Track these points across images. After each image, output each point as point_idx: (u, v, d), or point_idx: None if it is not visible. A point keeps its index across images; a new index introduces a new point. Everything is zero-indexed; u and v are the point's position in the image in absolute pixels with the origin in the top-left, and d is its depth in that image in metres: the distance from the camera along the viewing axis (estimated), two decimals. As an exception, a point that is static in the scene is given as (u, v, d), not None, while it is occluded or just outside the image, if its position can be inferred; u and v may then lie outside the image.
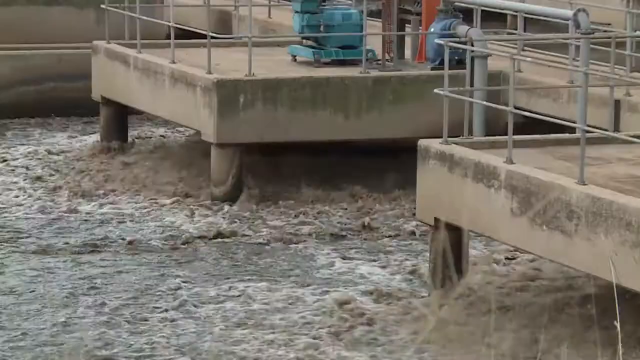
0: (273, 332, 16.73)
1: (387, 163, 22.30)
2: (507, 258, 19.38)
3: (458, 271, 17.02)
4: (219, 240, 20.35)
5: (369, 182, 22.44)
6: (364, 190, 22.24)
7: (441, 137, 17.37)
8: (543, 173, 15.92)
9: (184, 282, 18.39)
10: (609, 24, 25.68)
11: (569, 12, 20.67)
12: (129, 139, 25.70)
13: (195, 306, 17.43)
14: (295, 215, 21.55)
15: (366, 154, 22.98)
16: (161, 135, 27.29)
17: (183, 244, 20.03)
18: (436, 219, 17.35)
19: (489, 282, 18.08)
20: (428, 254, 18.12)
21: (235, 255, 19.91)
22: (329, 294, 17.84)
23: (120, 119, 25.57)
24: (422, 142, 17.80)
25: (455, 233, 17.11)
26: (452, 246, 17.31)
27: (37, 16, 30.74)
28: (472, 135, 18.63)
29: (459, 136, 17.70)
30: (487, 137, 18.68)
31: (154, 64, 23.86)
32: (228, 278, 18.64)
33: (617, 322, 8.84)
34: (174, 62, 23.16)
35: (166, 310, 17.31)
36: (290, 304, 17.58)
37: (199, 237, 20.30)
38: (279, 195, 22.34)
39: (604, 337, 12.70)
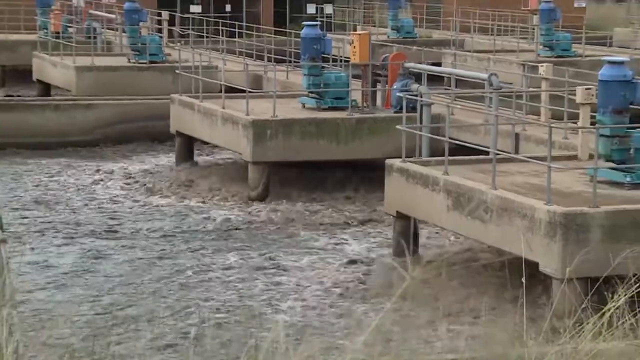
0: (288, 278, 18.25)
1: (365, 175, 23.91)
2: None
3: (413, 246, 18.54)
4: (254, 225, 21.93)
5: (354, 187, 24.15)
6: (351, 193, 23.97)
7: (401, 157, 18.96)
8: (468, 181, 17.45)
9: (236, 251, 19.95)
10: (511, 83, 27.33)
11: (485, 75, 23.04)
12: (194, 159, 27.44)
13: (241, 266, 19.01)
14: (306, 210, 22.99)
15: (352, 169, 24.76)
16: (208, 157, 28.74)
17: (227, 231, 21.54)
18: (397, 212, 18.94)
19: (440, 254, 19.19)
20: (392, 235, 19.37)
21: (265, 235, 21.32)
22: (329, 260, 19.34)
23: (188, 146, 27.32)
24: (388, 161, 19.30)
25: (410, 221, 18.81)
26: (408, 230, 18.77)
27: (133, 78, 33.56)
28: (421, 156, 19.89)
29: (413, 157, 19.27)
30: (431, 158, 19.81)
31: (211, 109, 25.53)
32: (257, 248, 20.18)
33: (523, 280, 9.60)
34: (223, 108, 24.96)
35: (225, 267, 18.89)
36: (307, 265, 19.03)
37: (238, 227, 21.81)
38: (294, 197, 23.80)
39: (514, 293, 13.94)
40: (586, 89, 19.70)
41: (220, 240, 20.98)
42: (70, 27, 39.99)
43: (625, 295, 7.72)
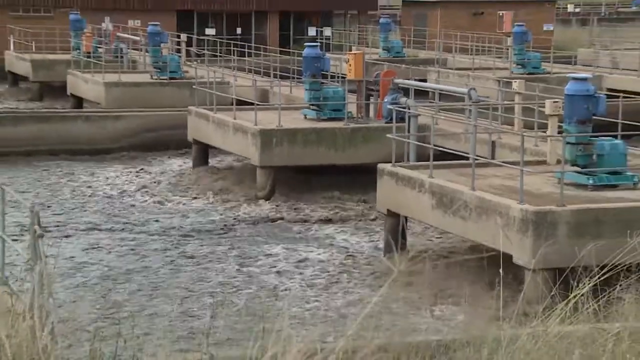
0: (291, 268, 18.21)
1: (359, 178, 23.42)
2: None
3: (402, 240, 18.07)
4: (259, 223, 21.83)
5: (350, 189, 24.00)
6: (347, 193, 23.85)
7: (391, 162, 18.86)
8: (450, 183, 17.33)
9: (241, 242, 19.98)
10: (488, 97, 27.49)
11: (465, 90, 22.79)
12: (209, 163, 27.47)
13: (250, 257, 18.85)
14: (307, 208, 22.95)
15: (348, 172, 24.49)
16: (222, 161, 28.28)
17: (237, 226, 21.59)
18: (388, 210, 18.85)
19: (426, 249, 18.75)
20: (383, 231, 19.30)
21: (269, 229, 21.31)
22: (327, 252, 19.31)
23: (204, 152, 27.26)
24: (380, 166, 19.16)
25: (399, 218, 18.61)
26: (398, 226, 18.48)
27: (155, 92, 33.73)
28: (409, 161, 19.73)
29: (401, 162, 19.11)
30: (418, 163, 19.59)
31: (223, 120, 25.53)
32: (263, 241, 20.18)
33: (500, 270, 9.23)
34: (234, 119, 25.00)
35: (236, 255, 18.88)
36: (304, 258, 18.84)
37: (247, 222, 21.83)
38: (296, 196, 23.80)
39: (490, 282, 13.05)
40: (554, 102, 19.74)
41: (230, 233, 20.97)
42: (100, 47, 40.11)
43: (589, 284, 7.69)
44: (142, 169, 28.14)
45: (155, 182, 26.24)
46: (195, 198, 24.31)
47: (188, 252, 19.43)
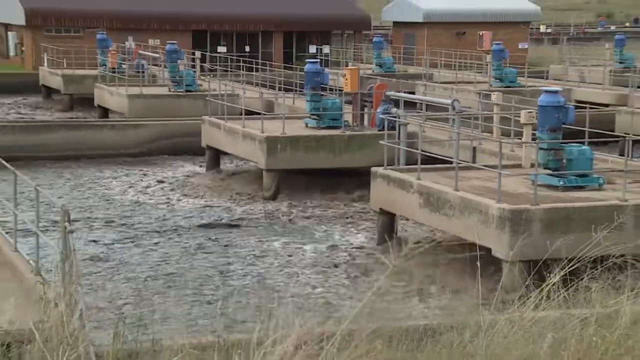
0: (294, 260, 18.03)
1: (355, 180, 23.80)
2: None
3: (393, 238, 18.19)
4: (265, 220, 21.68)
5: (346, 189, 23.96)
6: (344, 193, 23.81)
7: (383, 166, 18.94)
8: (436, 185, 17.33)
9: (253, 236, 19.86)
10: (470, 107, 27.71)
11: (449, 101, 22.62)
12: (220, 167, 27.29)
13: (256, 247, 18.91)
14: (308, 207, 22.90)
15: (345, 175, 24.54)
16: (235, 166, 28.26)
17: (246, 222, 21.41)
18: (380, 208, 18.83)
19: (416, 244, 19.62)
20: (376, 227, 19.35)
21: (273, 226, 21.09)
22: (326, 245, 19.14)
23: (216, 156, 27.13)
24: (373, 169, 19.24)
25: (390, 216, 18.84)
26: (389, 223, 18.83)
27: (173, 103, 33.81)
28: (399, 165, 19.57)
29: (392, 166, 19.12)
30: (407, 166, 19.39)
31: (234, 127, 25.45)
32: (267, 237, 19.93)
33: (478, 262, 9.49)
34: (243, 127, 24.90)
35: (244, 247, 18.88)
36: (305, 250, 18.76)
37: (255, 219, 21.70)
38: (299, 196, 23.68)
39: (472, 273, 13.61)
40: (528, 112, 19.73)
41: (240, 229, 20.95)
42: (123, 64, 40.08)
43: (560, 274, 7.68)
44: (160, 171, 28.21)
45: (172, 183, 26.23)
46: (208, 197, 24.23)
47: (201, 245, 19.35)
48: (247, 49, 55.78)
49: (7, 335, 7.06)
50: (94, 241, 19.41)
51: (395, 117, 21.99)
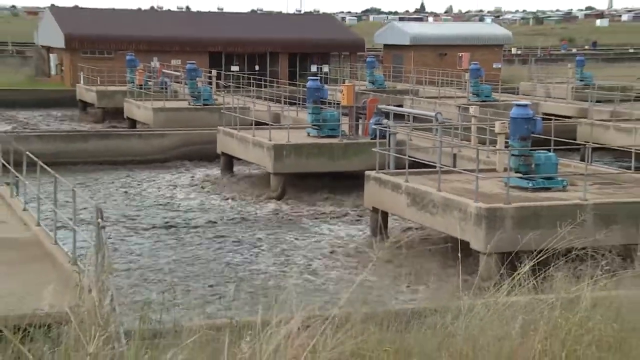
0: (297, 251, 18.03)
1: (351, 182, 23.52)
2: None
3: (384, 232, 18.02)
4: (274, 216, 21.72)
5: (343, 190, 23.87)
6: (342, 194, 23.66)
7: (375, 170, 18.88)
8: (422, 186, 17.33)
9: (262, 231, 19.85)
10: (451, 119, 27.64)
11: (433, 113, 22.91)
12: (234, 170, 27.26)
13: (264, 241, 18.84)
14: (310, 205, 22.82)
15: (342, 178, 24.57)
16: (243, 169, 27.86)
17: (256, 219, 21.40)
18: (373, 207, 18.82)
19: (403, 238, 17.74)
20: (369, 224, 19.41)
21: (280, 222, 21.05)
22: (325, 239, 19.15)
23: (229, 162, 27.12)
24: (366, 172, 19.18)
25: (382, 214, 18.61)
26: (381, 221, 18.35)
27: (192, 115, 33.68)
28: (389, 169, 19.65)
29: (383, 169, 19.12)
30: (396, 170, 19.32)
31: (245, 136, 25.34)
32: (274, 232, 19.89)
33: (458, 254, 9.65)
34: (254, 136, 24.79)
35: (253, 240, 18.79)
36: (307, 243, 18.73)
37: (263, 216, 21.68)
38: (302, 196, 23.71)
39: (453, 263, 13.87)
40: (502, 123, 19.62)
41: (249, 224, 20.91)
42: (149, 81, 40.18)
43: (529, 264, 7.66)
44: (181, 174, 28.09)
45: (190, 185, 26.11)
46: (222, 197, 24.15)
47: (217, 237, 19.29)
48: (257, 68, 55.74)
49: (48, 317, 7.03)
50: (124, 235, 19.39)
51: (385, 127, 21.89)
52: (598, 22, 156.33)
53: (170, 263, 16.99)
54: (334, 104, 29.16)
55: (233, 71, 51.67)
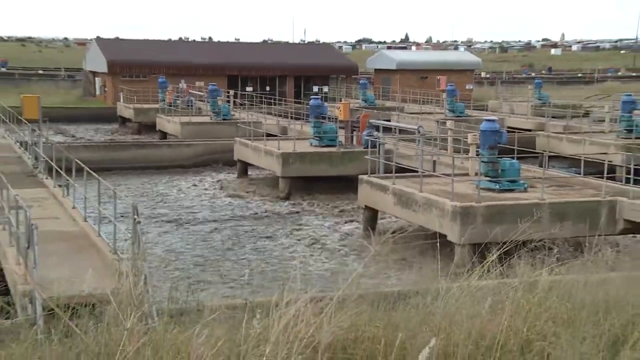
0: (302, 244, 17.77)
1: (347, 184, 23.11)
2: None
3: (375, 227, 18.02)
4: (281, 213, 21.35)
5: (341, 191, 23.64)
6: (339, 194, 23.44)
7: (367, 174, 18.79)
8: (406, 188, 16.49)
9: (271, 226, 19.54)
10: (431, 132, 27.89)
11: (416, 127, 22.97)
12: (248, 175, 27.07)
13: (275, 235, 18.52)
14: (312, 204, 22.65)
15: (340, 181, 24.29)
16: (255, 173, 27.46)
17: (267, 215, 21.09)
18: (365, 206, 18.60)
19: (393, 234, 19.02)
20: (362, 220, 19.19)
21: (286, 220, 20.65)
22: (326, 234, 18.85)
23: (244, 167, 27.01)
24: (360, 176, 18.98)
25: (373, 211, 18.52)
26: (372, 217, 18.53)
27: (213, 128, 33.36)
28: (379, 173, 19.70)
29: (374, 174, 18.99)
30: (385, 174, 19.27)
31: (258, 146, 25.32)
32: (282, 226, 19.72)
33: (437, 245, 9.96)
34: (265, 145, 24.82)
35: (265, 235, 18.50)
36: (311, 237, 18.41)
37: (273, 213, 21.39)
38: (306, 197, 23.55)
39: (433, 253, 13.73)
40: (473, 135, 19.47)
41: (262, 220, 20.61)
42: (177, 100, 40.20)
43: (496, 254, 7.62)
44: (204, 178, 27.82)
45: (212, 187, 25.89)
46: (238, 197, 23.96)
47: (235, 231, 19.05)
48: (268, 88, 55.75)
49: (92, 297, 6.96)
50: (155, 229, 19.14)
51: (376, 138, 21.76)
52: (553, 51, 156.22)
53: (193, 249, 16.82)
54: (333, 118, 29.04)
55: (247, 91, 51.68)
